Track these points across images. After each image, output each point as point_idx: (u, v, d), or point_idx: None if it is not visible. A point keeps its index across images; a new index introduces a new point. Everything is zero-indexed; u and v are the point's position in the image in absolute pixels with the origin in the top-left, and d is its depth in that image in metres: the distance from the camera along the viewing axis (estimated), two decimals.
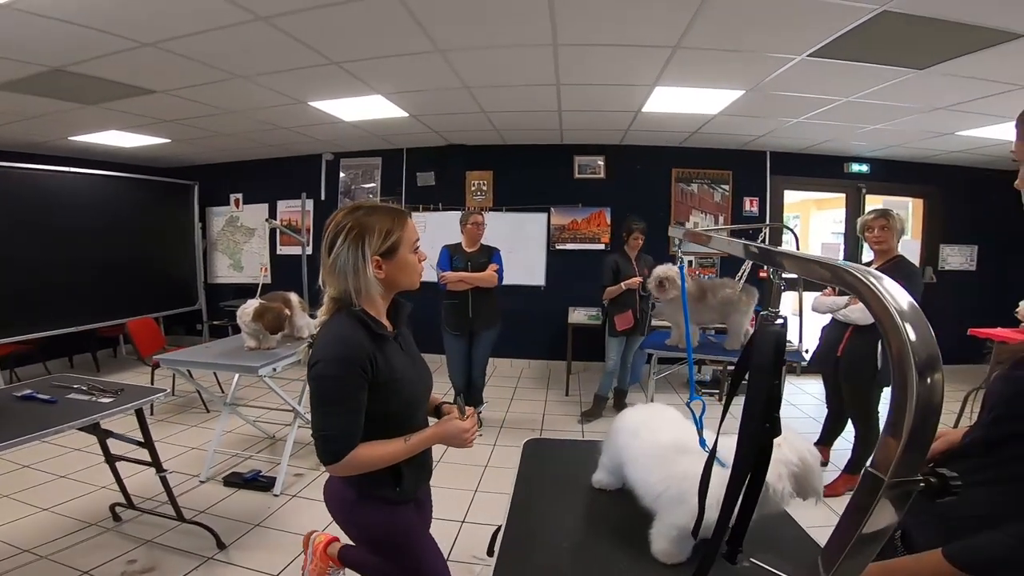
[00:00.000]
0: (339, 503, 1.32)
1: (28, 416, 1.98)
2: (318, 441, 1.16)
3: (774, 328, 0.69)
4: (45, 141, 4.92)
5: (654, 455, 1.18)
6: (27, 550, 2.37)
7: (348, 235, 1.19)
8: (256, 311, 3.01)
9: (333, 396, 1.15)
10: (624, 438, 1.31)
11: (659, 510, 1.13)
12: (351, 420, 1.16)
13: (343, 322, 1.20)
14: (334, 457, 1.15)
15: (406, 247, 1.26)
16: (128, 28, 2.54)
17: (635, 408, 1.43)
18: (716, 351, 3.74)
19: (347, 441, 1.16)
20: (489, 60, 3.17)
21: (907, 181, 5.63)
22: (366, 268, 1.19)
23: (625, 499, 1.36)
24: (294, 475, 3.22)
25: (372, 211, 1.24)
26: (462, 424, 1.32)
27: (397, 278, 1.26)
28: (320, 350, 1.17)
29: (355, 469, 1.19)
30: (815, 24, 2.57)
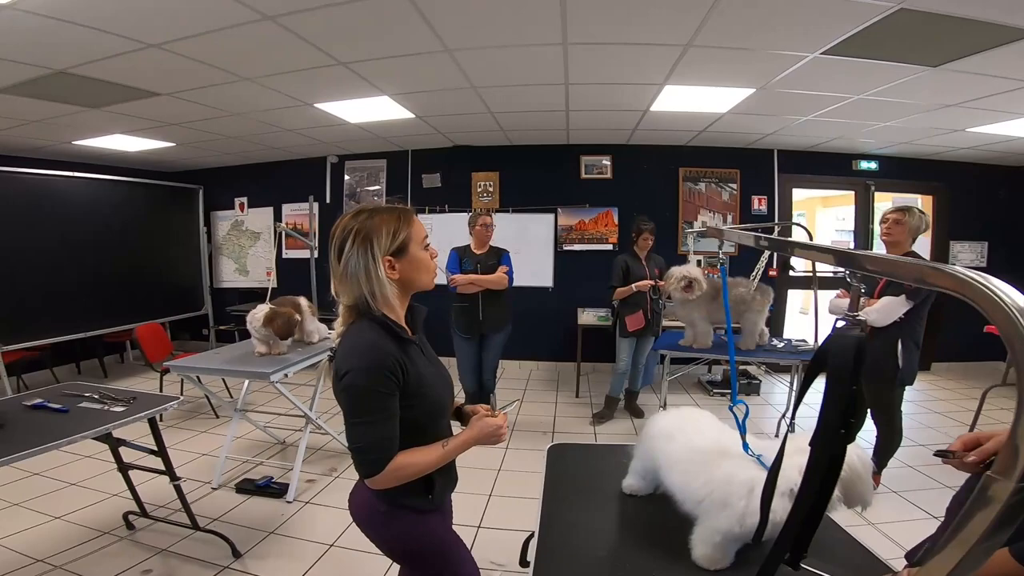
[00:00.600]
0: (369, 516, 1.28)
1: (40, 426, 1.95)
2: (356, 454, 1.13)
3: (853, 335, 0.67)
4: (49, 145, 4.89)
5: (694, 460, 1.17)
6: (41, 560, 2.34)
7: (355, 239, 1.17)
8: (266, 316, 2.98)
9: (367, 406, 1.12)
10: (659, 443, 1.29)
11: (701, 515, 1.12)
12: (388, 429, 1.13)
13: (366, 329, 1.17)
14: (374, 469, 1.12)
15: (416, 244, 1.23)
16: (133, 28, 2.50)
17: (668, 412, 1.41)
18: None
19: (386, 452, 1.13)
20: (498, 60, 3.14)
21: (916, 178, 5.59)
22: (378, 270, 1.16)
23: (657, 504, 1.36)
24: (306, 481, 3.20)
25: (376, 212, 1.21)
26: (495, 421, 1.29)
27: (412, 277, 1.24)
28: (347, 360, 1.13)
29: (396, 480, 1.15)
30: (830, 21, 2.55)
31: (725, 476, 1.08)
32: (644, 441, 1.38)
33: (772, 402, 4.83)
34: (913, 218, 2.73)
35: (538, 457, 3.53)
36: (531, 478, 3.25)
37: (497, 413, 1.32)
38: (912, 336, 2.70)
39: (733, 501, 1.03)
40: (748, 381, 4.97)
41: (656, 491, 1.39)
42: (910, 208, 2.77)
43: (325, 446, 3.73)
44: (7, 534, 2.55)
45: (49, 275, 4.82)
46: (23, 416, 2.04)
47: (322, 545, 2.56)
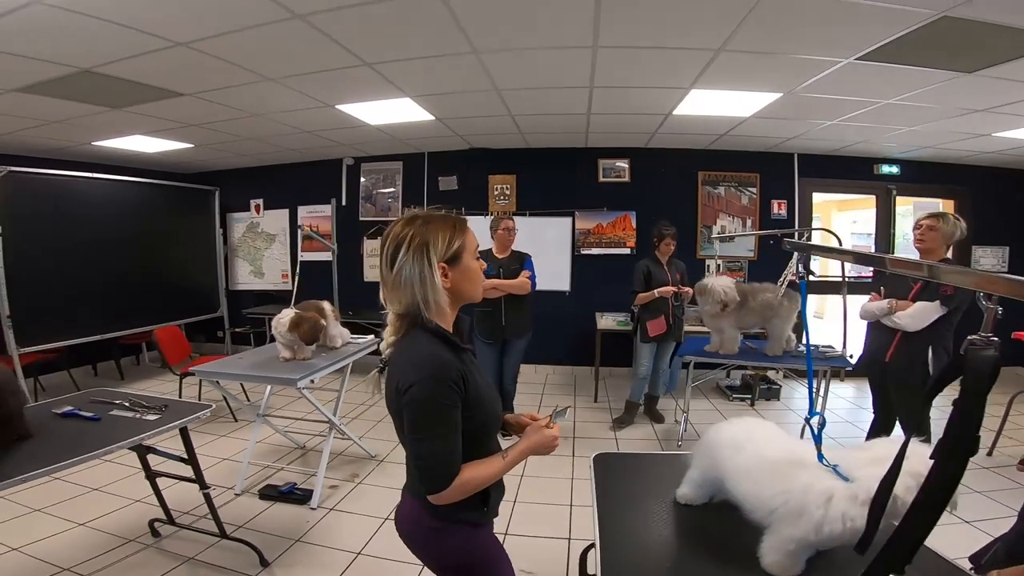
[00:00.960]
0: (421, 531, 1.24)
1: (74, 435, 1.92)
2: (423, 470, 1.10)
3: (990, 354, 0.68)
4: (69, 146, 4.89)
5: (766, 469, 1.17)
6: (68, 568, 2.31)
7: (411, 244, 1.14)
8: (292, 321, 2.95)
9: (434, 419, 1.09)
10: (726, 453, 1.29)
11: (774, 524, 1.12)
12: (454, 443, 1.10)
13: (424, 339, 1.14)
14: (442, 484, 1.09)
15: (469, 254, 1.22)
16: (163, 26, 2.48)
17: (731, 422, 1.40)
18: (757, 358, 3.65)
19: (453, 466, 1.10)
20: (524, 62, 3.11)
21: (938, 182, 5.53)
22: (433, 276, 1.14)
23: (714, 513, 1.37)
24: (329, 487, 3.16)
25: (431, 219, 1.19)
26: (552, 432, 1.28)
27: (463, 287, 1.22)
28: (410, 373, 1.10)
29: (461, 494, 1.13)
30: (869, 27, 2.51)
31: (802, 486, 1.08)
32: (707, 451, 1.36)
33: (793, 407, 4.80)
34: (948, 224, 2.67)
35: (561, 463, 3.61)
36: (555, 484, 3.25)
37: (551, 424, 1.30)
38: (943, 343, 2.65)
39: (811, 510, 1.04)
40: (768, 386, 4.93)
41: (711, 500, 1.39)
42: (944, 214, 2.72)
43: (346, 451, 3.70)
44: (30, 541, 2.51)
45: (66, 277, 4.81)
46: (54, 425, 2.00)
47: (349, 553, 2.52)
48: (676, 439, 3.88)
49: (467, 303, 1.27)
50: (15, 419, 1.82)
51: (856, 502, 0.99)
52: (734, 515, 1.24)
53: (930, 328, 2.63)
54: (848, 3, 2.28)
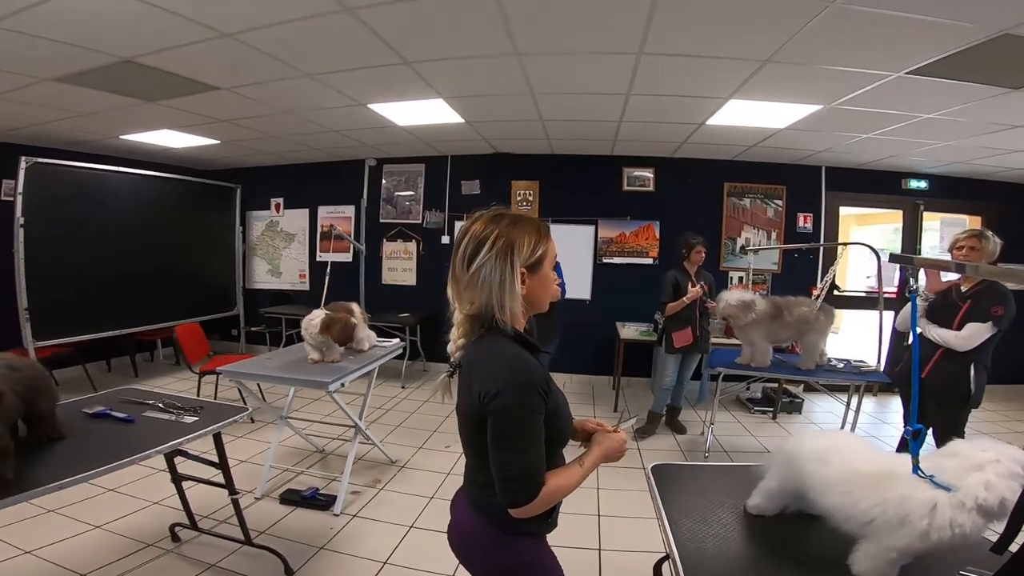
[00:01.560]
0: (481, 545, 1.17)
1: (108, 438, 1.85)
2: (509, 482, 1.04)
3: None
4: (95, 139, 4.87)
5: (857, 481, 1.19)
6: (83, 574, 2.22)
7: (495, 244, 1.09)
8: (323, 323, 2.89)
9: (523, 428, 1.03)
10: (811, 466, 1.29)
11: (870, 534, 1.14)
12: (541, 452, 1.05)
13: (505, 344, 1.09)
14: (530, 496, 1.03)
15: (549, 261, 1.17)
16: (212, 15, 2.43)
17: (813, 435, 1.41)
18: (789, 371, 3.57)
19: (540, 476, 1.05)
20: (565, 66, 3.06)
21: (966, 198, 5.46)
22: (515, 280, 1.09)
23: (790, 524, 1.38)
24: (351, 493, 3.08)
25: (517, 220, 1.14)
26: (621, 437, 1.26)
27: (537, 294, 1.16)
28: (496, 379, 1.04)
29: (545, 505, 1.06)
30: (925, 43, 2.47)
31: (899, 496, 1.10)
32: (787, 462, 1.37)
33: (815, 420, 4.74)
34: (989, 244, 2.65)
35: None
36: (582, 493, 3.10)
37: (618, 429, 1.28)
38: (983, 360, 2.65)
39: (914, 520, 1.05)
40: (791, 400, 4.86)
41: (785, 510, 1.40)
42: (983, 233, 2.69)
43: (366, 455, 3.62)
44: (44, 544, 2.41)
45: (85, 270, 4.78)
46: (87, 426, 1.93)
47: (376, 563, 2.45)
48: (701, 450, 3.80)
49: (537, 312, 1.21)
50: (46, 419, 1.76)
51: (964, 509, 1.01)
52: (813, 525, 1.26)
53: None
54: (907, 18, 2.23)
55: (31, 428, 1.74)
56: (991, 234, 2.67)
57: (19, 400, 1.62)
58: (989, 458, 1.05)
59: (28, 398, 1.67)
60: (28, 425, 1.74)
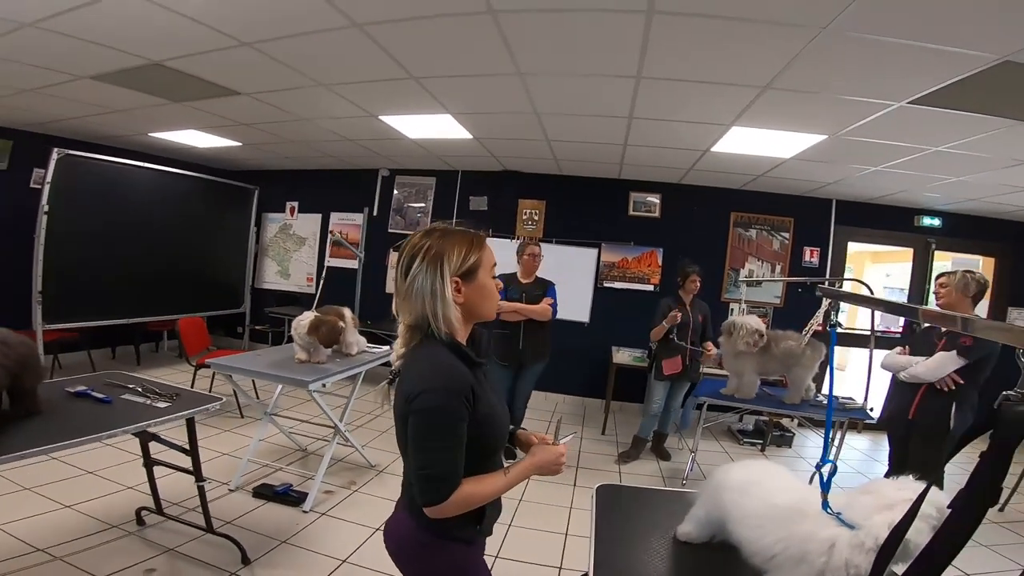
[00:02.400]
0: (410, 547, 1.19)
1: (82, 415, 1.91)
2: (422, 481, 1.06)
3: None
4: (125, 135, 5.09)
5: (769, 515, 1.17)
6: (42, 549, 2.27)
7: (425, 256, 1.13)
8: (311, 324, 2.96)
9: (440, 430, 1.06)
10: (732, 496, 1.27)
11: (772, 570, 1.12)
12: (458, 456, 1.07)
13: (437, 351, 1.12)
14: (440, 497, 1.05)
15: (485, 270, 1.19)
16: (233, 25, 2.57)
17: (741, 465, 1.38)
18: (774, 404, 3.51)
19: (454, 480, 1.06)
20: (567, 87, 3.12)
21: (980, 237, 5.32)
22: (445, 290, 1.12)
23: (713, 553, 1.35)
24: (324, 492, 3.11)
25: (448, 232, 1.18)
26: (558, 449, 1.23)
27: (476, 303, 1.19)
28: (421, 381, 1.07)
29: (458, 509, 1.08)
30: (925, 71, 2.43)
31: (803, 533, 1.08)
32: (713, 491, 1.34)
33: (804, 455, 4.65)
34: (955, 278, 2.73)
35: (561, 491, 3.50)
36: (552, 511, 3.15)
37: (557, 442, 1.25)
38: (968, 400, 2.66)
39: (811, 558, 1.04)
40: (781, 433, 4.77)
41: (712, 540, 1.37)
42: (953, 272, 2.78)
43: (347, 458, 3.65)
44: (12, 520, 2.47)
45: (101, 259, 4.95)
46: (65, 404, 2.00)
47: (334, 560, 2.46)
48: (681, 477, 3.74)
49: (481, 321, 1.24)
50: (28, 394, 1.82)
51: (862, 550, 0.98)
52: (732, 556, 1.22)
53: (956, 385, 2.63)
54: (903, 45, 2.21)
55: (12, 402, 1.80)
56: (960, 273, 2.75)
57: (6, 374, 1.70)
58: (903, 497, 1.01)
59: (15, 373, 1.73)
60: (11, 399, 1.80)
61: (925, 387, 2.70)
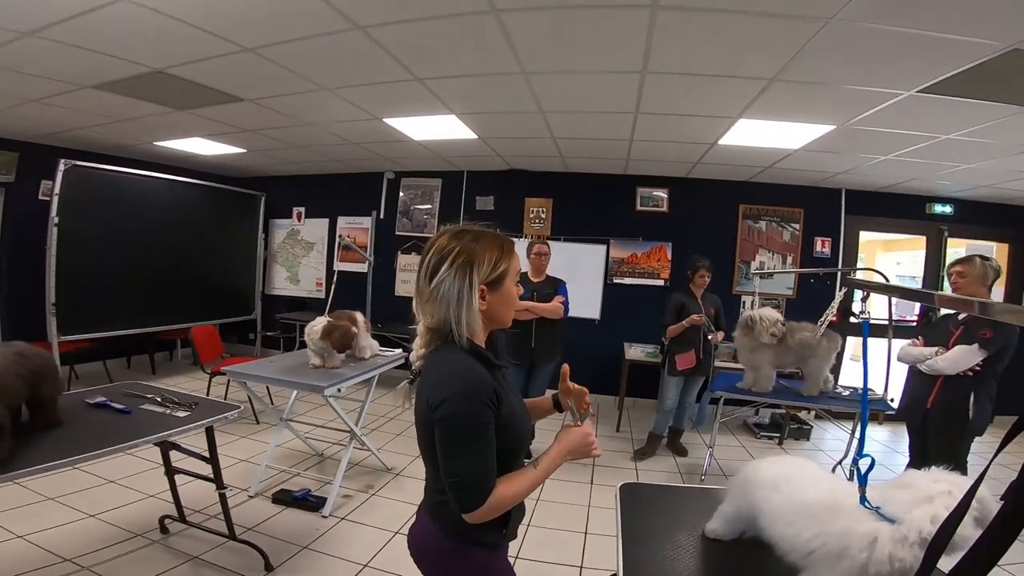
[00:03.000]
0: (434, 552, 1.18)
1: (102, 426, 1.93)
2: (456, 489, 1.05)
3: None
4: (131, 144, 5.11)
5: (804, 511, 1.15)
6: (69, 559, 2.30)
7: (455, 261, 1.10)
8: (324, 329, 2.96)
9: (467, 436, 1.04)
10: (762, 492, 1.26)
11: (810, 566, 1.10)
12: (489, 459, 1.06)
13: (457, 355, 1.10)
14: (476, 503, 1.04)
15: (511, 279, 1.17)
16: (234, 31, 2.57)
17: (770, 461, 1.37)
18: (791, 397, 3.48)
19: (488, 482, 1.05)
20: (571, 85, 3.11)
21: (992, 224, 5.26)
22: (472, 298, 1.10)
23: (743, 550, 1.34)
24: (343, 496, 3.12)
25: (480, 237, 1.15)
26: (583, 429, 1.20)
27: (498, 311, 1.17)
28: (442, 388, 1.06)
29: (495, 512, 1.07)
30: (933, 60, 2.41)
31: (841, 528, 1.07)
32: (742, 488, 1.33)
33: (823, 447, 4.61)
34: (975, 268, 2.67)
35: (579, 490, 3.49)
36: (570, 510, 3.14)
37: (580, 422, 1.21)
38: (986, 389, 2.62)
39: (853, 553, 1.02)
40: (799, 426, 4.74)
41: (742, 536, 1.36)
42: (971, 258, 2.72)
43: (363, 461, 3.66)
44: (38, 530, 2.50)
45: (113, 270, 4.99)
46: (85, 415, 2.02)
47: (356, 565, 2.47)
48: (699, 473, 3.73)
49: (500, 327, 1.23)
50: (48, 406, 1.84)
51: (905, 544, 0.97)
52: (764, 553, 1.21)
53: (973, 374, 2.59)
54: (911, 34, 2.19)
55: (33, 413, 1.82)
56: (979, 259, 2.69)
57: (25, 385, 1.71)
58: (940, 490, 1.01)
59: (34, 384, 1.75)
60: (31, 410, 1.82)
61: (943, 377, 2.67)
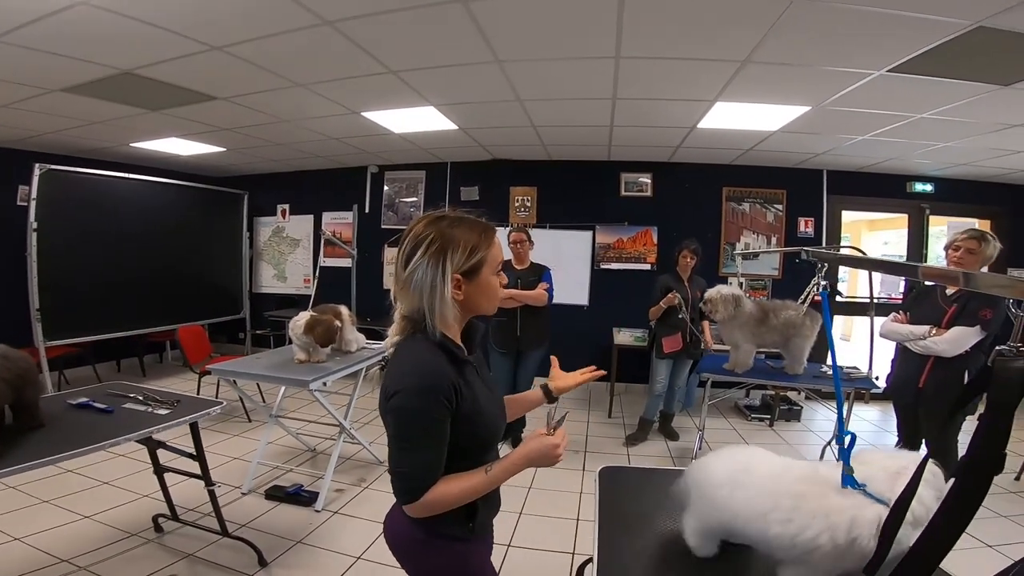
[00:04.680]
0: (405, 543, 1.18)
1: (84, 425, 1.94)
2: (395, 479, 1.06)
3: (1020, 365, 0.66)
4: (107, 147, 5.06)
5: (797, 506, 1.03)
6: (66, 560, 2.32)
7: (429, 248, 1.06)
8: (307, 324, 2.97)
9: (415, 430, 1.04)
10: (721, 492, 1.12)
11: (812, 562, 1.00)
12: (434, 456, 1.05)
13: (421, 347, 1.08)
14: (412, 496, 1.04)
15: (489, 268, 1.12)
16: (199, 30, 2.55)
17: (716, 457, 1.22)
18: (776, 376, 3.53)
19: (427, 479, 1.04)
20: (547, 72, 3.11)
21: (974, 201, 5.32)
22: (444, 287, 1.06)
23: None
24: (335, 491, 3.15)
25: (457, 223, 1.10)
26: (551, 440, 1.12)
27: (476, 301, 1.13)
28: (399, 379, 1.04)
29: (433, 509, 1.06)
30: (900, 39, 2.44)
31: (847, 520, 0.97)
32: (697, 493, 1.19)
33: (813, 428, 4.67)
34: (988, 247, 2.54)
35: (570, 476, 3.53)
36: (563, 497, 3.18)
37: (553, 430, 1.14)
38: (978, 367, 2.53)
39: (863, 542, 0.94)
40: (789, 407, 4.81)
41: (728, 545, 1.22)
42: (984, 235, 2.57)
43: (355, 455, 3.69)
44: (33, 532, 2.52)
45: (97, 273, 4.96)
46: (67, 415, 2.03)
47: (349, 557, 2.50)
48: (690, 456, 3.77)
49: (479, 315, 1.18)
50: (30, 408, 1.85)
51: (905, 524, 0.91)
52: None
53: (966, 353, 2.52)
54: (877, 13, 2.22)
55: (16, 416, 1.83)
56: (992, 237, 2.56)
57: (9, 388, 1.72)
58: (901, 465, 0.98)
59: (17, 386, 1.76)
60: (14, 413, 1.82)
61: (935, 356, 2.60)
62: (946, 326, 2.58)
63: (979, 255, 2.53)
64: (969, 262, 2.54)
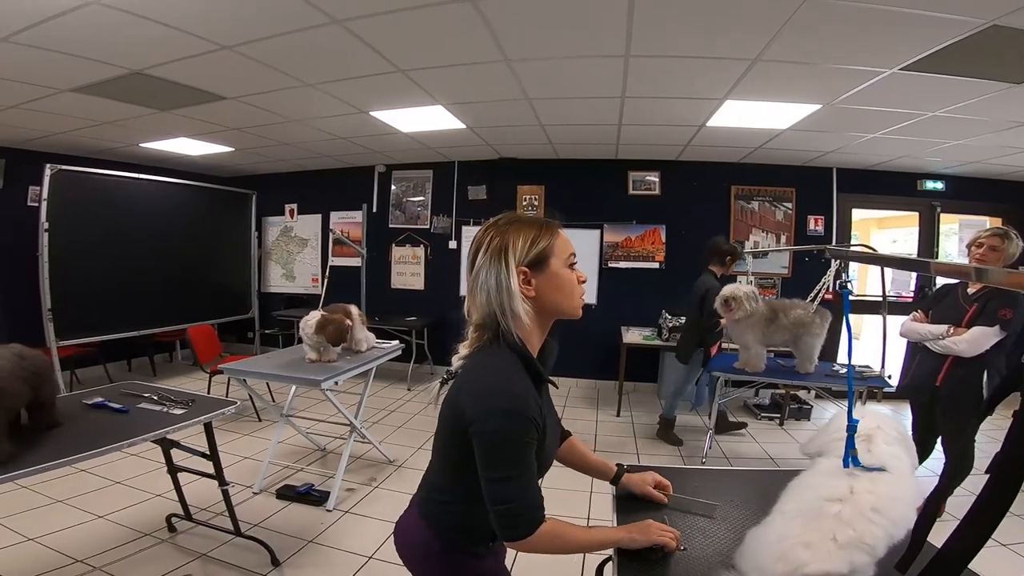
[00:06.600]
0: (420, 553, 1.15)
1: (99, 426, 1.95)
2: (504, 516, 0.97)
3: None
4: (116, 147, 5.09)
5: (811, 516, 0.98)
6: (81, 560, 2.33)
7: (489, 247, 1.04)
8: (318, 323, 2.97)
9: (514, 458, 0.96)
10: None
11: None
12: (535, 484, 0.99)
13: (502, 360, 1.01)
14: (528, 531, 0.98)
15: (559, 258, 1.06)
16: (210, 29, 2.56)
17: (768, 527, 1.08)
18: (787, 375, 3.51)
19: (539, 510, 0.99)
20: (556, 71, 3.10)
21: (985, 199, 5.27)
22: (510, 282, 1.01)
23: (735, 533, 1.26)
24: (346, 490, 3.15)
25: (514, 220, 1.08)
26: (668, 536, 1.16)
27: (551, 296, 1.05)
28: (488, 401, 0.97)
29: (547, 548, 1.01)
30: (913, 37, 2.42)
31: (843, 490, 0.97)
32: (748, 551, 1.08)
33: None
34: (1011, 245, 2.52)
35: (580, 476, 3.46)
36: (572, 496, 3.17)
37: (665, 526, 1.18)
38: (997, 366, 2.51)
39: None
40: (799, 406, 4.77)
41: None
42: (1008, 233, 2.55)
43: (366, 454, 3.70)
44: (48, 532, 2.54)
45: (107, 273, 4.99)
46: (83, 415, 2.04)
47: (360, 557, 2.50)
48: (699, 456, 3.76)
49: (562, 318, 1.10)
50: (46, 407, 1.86)
51: None
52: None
53: (984, 352, 2.50)
54: (891, 12, 2.20)
55: (32, 415, 1.84)
56: (1016, 235, 2.55)
57: (27, 387, 1.73)
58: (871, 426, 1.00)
59: (33, 385, 1.76)
60: (30, 412, 1.83)
61: (953, 356, 2.58)
62: (966, 325, 2.56)
63: (1002, 252, 2.52)
64: (992, 259, 2.53)
